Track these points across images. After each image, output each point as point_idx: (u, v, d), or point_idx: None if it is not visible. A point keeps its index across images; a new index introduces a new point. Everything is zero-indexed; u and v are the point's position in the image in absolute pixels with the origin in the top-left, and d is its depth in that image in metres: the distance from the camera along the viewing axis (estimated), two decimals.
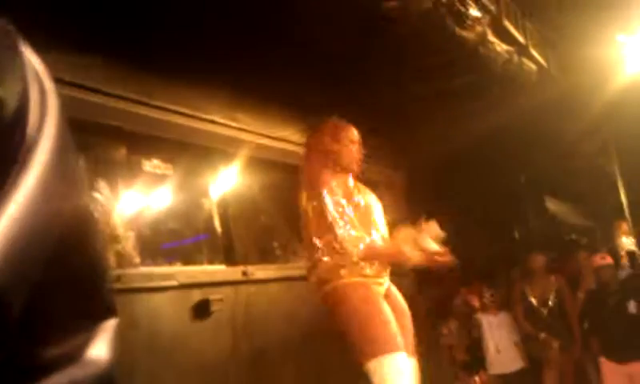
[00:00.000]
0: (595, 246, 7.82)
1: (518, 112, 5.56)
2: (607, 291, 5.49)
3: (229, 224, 3.99)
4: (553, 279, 5.99)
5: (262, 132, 4.37)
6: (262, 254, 4.43)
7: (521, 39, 4.71)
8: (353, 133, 3.20)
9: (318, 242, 2.94)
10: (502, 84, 4.82)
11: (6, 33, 0.44)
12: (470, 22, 4.03)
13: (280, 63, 3.96)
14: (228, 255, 3.94)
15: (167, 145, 3.70)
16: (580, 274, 6.25)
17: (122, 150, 3.36)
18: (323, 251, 2.93)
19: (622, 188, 7.01)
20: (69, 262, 0.43)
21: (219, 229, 3.96)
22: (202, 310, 3.45)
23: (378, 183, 5.10)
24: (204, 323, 3.48)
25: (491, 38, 4.32)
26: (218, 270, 3.81)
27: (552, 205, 9.21)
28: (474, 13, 4.05)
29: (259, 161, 4.35)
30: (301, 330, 4.13)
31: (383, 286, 3.03)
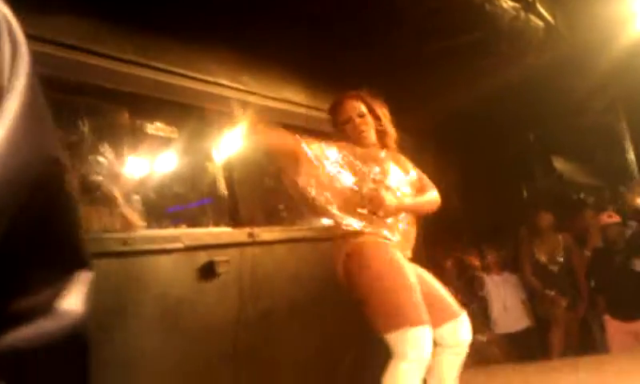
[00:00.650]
0: (603, 204, 7.80)
1: (525, 70, 5.49)
2: (614, 250, 5.50)
3: (234, 186, 3.99)
4: (560, 237, 5.99)
5: (267, 94, 4.34)
6: (267, 216, 4.43)
7: None
8: (344, 111, 3.16)
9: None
10: (509, 41, 4.75)
11: None
12: None
13: (285, 25, 3.92)
14: (233, 217, 3.94)
15: (171, 108, 3.68)
16: (587, 232, 6.25)
17: (125, 114, 3.34)
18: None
19: (629, 146, 6.96)
20: (39, 211, 0.43)
21: (224, 191, 3.96)
22: (207, 271, 3.47)
23: None
24: (210, 285, 3.50)
25: None
26: (224, 232, 3.82)
27: (559, 164, 9.17)
28: None
29: (264, 123, 4.33)
30: (306, 291, 4.16)
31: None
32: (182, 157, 3.82)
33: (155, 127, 3.64)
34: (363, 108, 3.16)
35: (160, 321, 3.18)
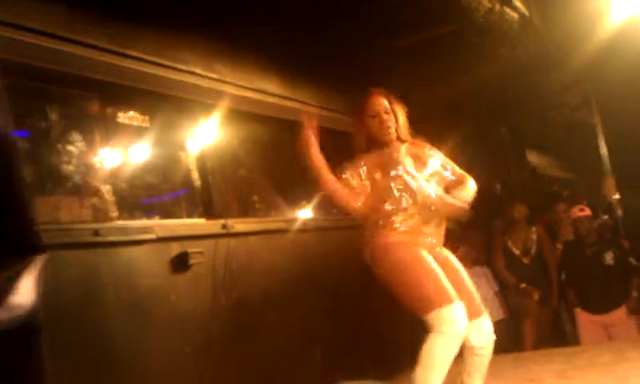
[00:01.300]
0: (577, 198, 7.89)
1: (499, 64, 5.51)
2: (585, 243, 5.56)
3: (208, 177, 3.95)
4: (533, 229, 6.04)
5: (242, 83, 4.31)
6: (241, 207, 4.41)
7: None
8: (372, 105, 3.22)
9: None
10: (484, 34, 4.77)
11: None
12: None
13: (260, 14, 3.89)
14: (207, 209, 3.91)
15: (144, 96, 3.63)
16: (558, 225, 6.31)
17: (96, 102, 3.29)
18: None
19: (602, 140, 7.04)
20: None
21: (198, 182, 3.93)
22: (180, 262, 3.44)
23: None
24: (183, 276, 3.47)
25: None
26: (197, 224, 3.79)
27: (533, 157, 9.26)
28: None
29: (239, 113, 4.30)
30: (281, 282, 4.15)
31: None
32: (155, 147, 3.77)
33: (127, 116, 3.59)
34: (387, 104, 3.25)
35: (131, 312, 3.14)
